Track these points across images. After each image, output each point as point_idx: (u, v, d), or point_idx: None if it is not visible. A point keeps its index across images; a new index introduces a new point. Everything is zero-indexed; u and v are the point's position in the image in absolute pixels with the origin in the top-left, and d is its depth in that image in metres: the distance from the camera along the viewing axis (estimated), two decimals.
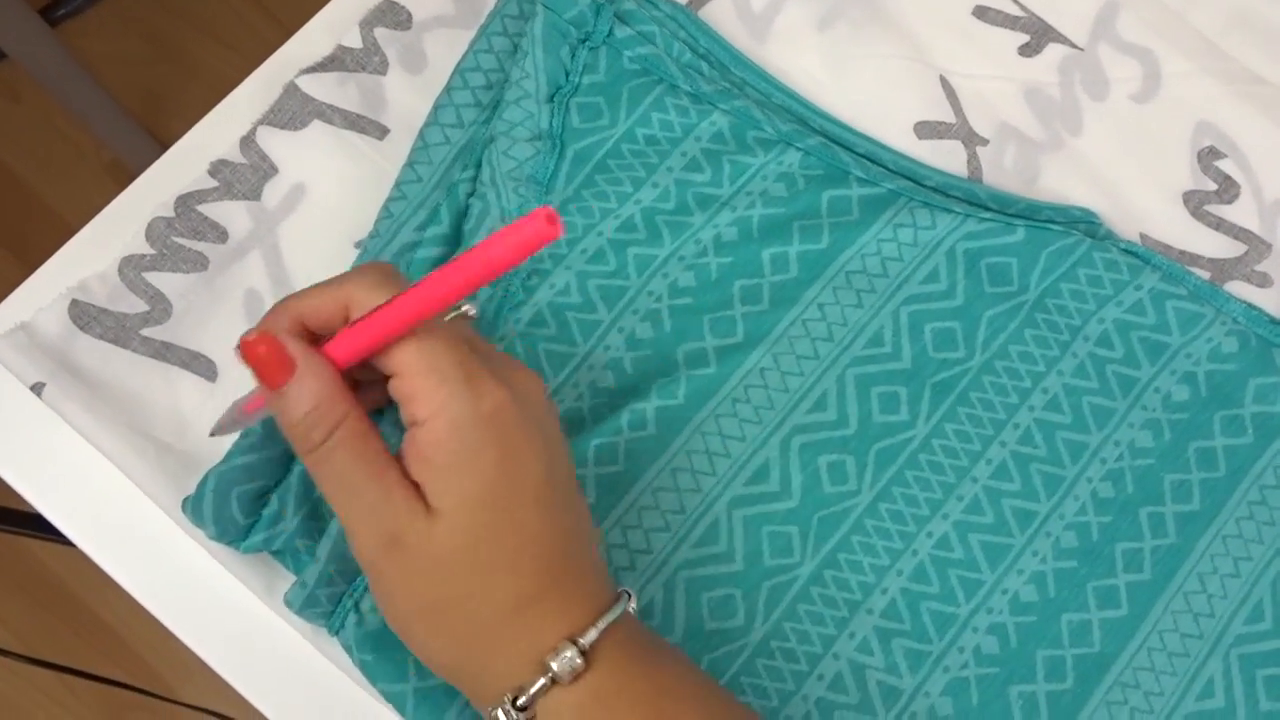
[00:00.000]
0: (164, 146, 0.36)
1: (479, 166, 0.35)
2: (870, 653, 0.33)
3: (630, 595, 0.28)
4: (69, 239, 0.35)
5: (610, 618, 0.27)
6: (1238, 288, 0.38)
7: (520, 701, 0.26)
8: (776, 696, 0.33)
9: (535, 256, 0.35)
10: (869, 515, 0.34)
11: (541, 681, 0.26)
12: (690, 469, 0.34)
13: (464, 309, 0.28)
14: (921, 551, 0.34)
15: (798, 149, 0.37)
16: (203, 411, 0.33)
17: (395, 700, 0.31)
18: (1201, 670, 0.34)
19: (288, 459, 0.32)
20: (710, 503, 0.34)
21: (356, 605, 0.32)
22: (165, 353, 0.34)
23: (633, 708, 0.27)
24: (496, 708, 0.26)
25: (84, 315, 0.33)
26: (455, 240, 0.34)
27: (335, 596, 0.32)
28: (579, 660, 0.26)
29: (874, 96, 0.39)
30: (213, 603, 0.32)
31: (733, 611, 0.33)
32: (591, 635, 0.26)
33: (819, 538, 0.34)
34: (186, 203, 0.35)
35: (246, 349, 0.26)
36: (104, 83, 0.95)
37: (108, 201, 0.35)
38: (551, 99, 0.36)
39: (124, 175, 1.07)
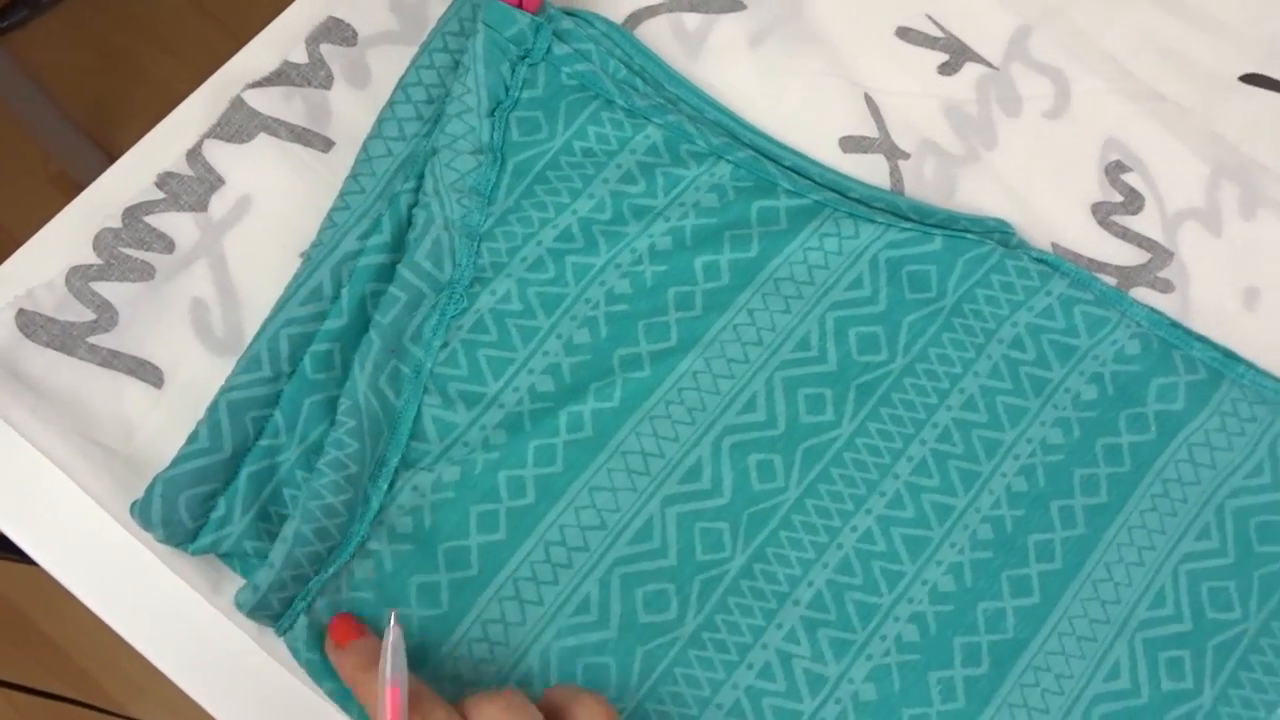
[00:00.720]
0: (111, 157, 0.37)
1: (421, 178, 0.36)
2: (797, 642, 0.35)
3: None
4: (14, 250, 0.36)
5: None
6: (1142, 293, 0.41)
7: None
8: (708, 685, 0.34)
9: (478, 265, 0.36)
10: (796, 511, 0.36)
11: None
12: (626, 469, 0.36)
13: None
14: (846, 545, 0.36)
15: (728, 162, 0.39)
16: (149, 417, 0.34)
17: (339, 699, 0.32)
18: (1108, 653, 0.36)
19: (235, 463, 0.33)
20: (645, 501, 0.35)
21: (308, 608, 0.33)
22: (112, 360, 0.35)
23: None
24: None
25: (31, 324, 0.34)
26: (397, 248, 0.35)
27: (287, 600, 0.33)
28: None
29: (802, 112, 0.40)
30: (158, 603, 0.33)
31: (666, 605, 0.35)
32: None
33: (749, 533, 0.36)
34: (134, 214, 0.36)
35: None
36: (52, 93, 0.95)
37: (53, 213, 0.36)
38: (492, 113, 0.37)
39: (70, 187, 1.07)
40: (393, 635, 0.29)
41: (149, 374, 0.35)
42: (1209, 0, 0.44)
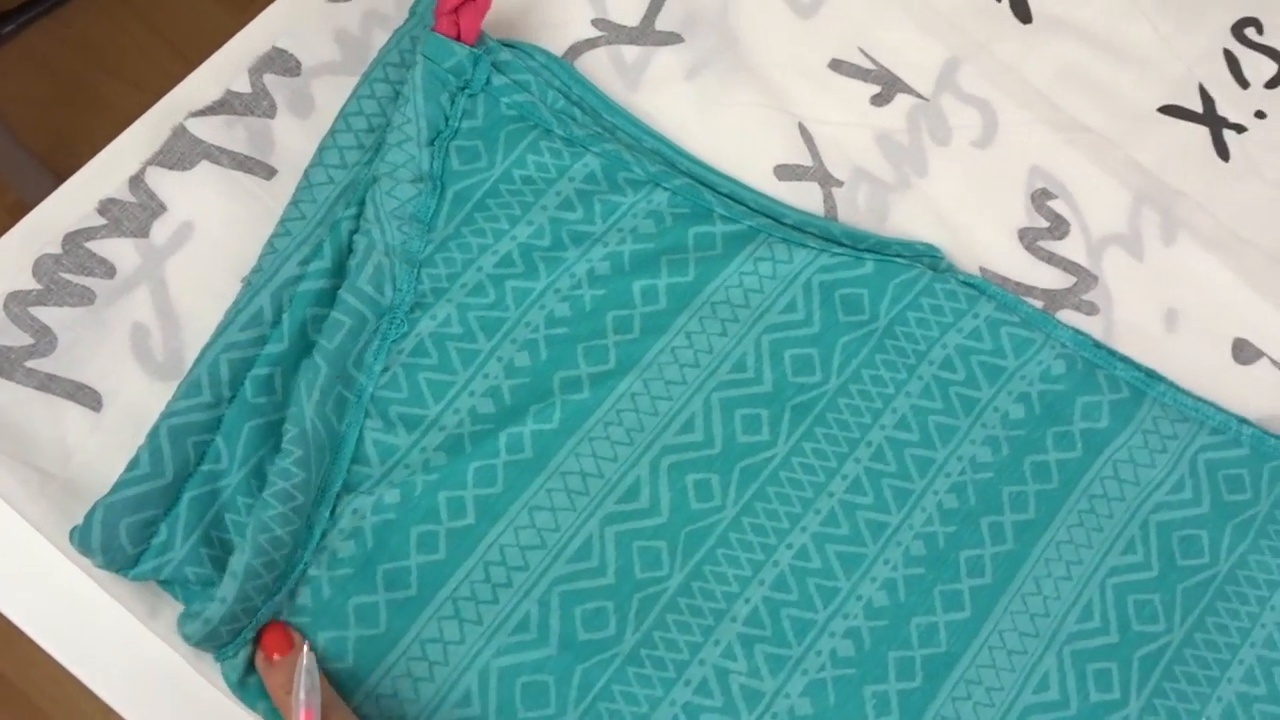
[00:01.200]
0: None
1: (362, 205, 0.37)
2: (734, 658, 0.36)
3: None
4: None
5: None
6: (1068, 315, 0.42)
7: None
8: (646, 702, 0.35)
9: (419, 290, 0.37)
10: (733, 529, 0.37)
11: None
12: (565, 489, 0.36)
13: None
14: (782, 562, 0.37)
15: (665, 189, 0.40)
16: (87, 441, 0.34)
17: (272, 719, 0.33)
18: (1038, 666, 0.37)
19: (176, 488, 0.33)
20: (584, 520, 0.36)
21: (256, 637, 0.33)
22: (49, 384, 0.35)
23: None
24: None
25: None
26: (338, 274, 0.36)
27: (236, 631, 0.33)
28: None
29: (737, 141, 0.42)
30: (95, 627, 0.33)
31: (605, 623, 0.35)
32: None
33: (686, 551, 0.36)
34: (74, 239, 0.36)
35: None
36: (11, 124, 0.94)
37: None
38: (432, 142, 0.38)
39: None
40: (305, 660, 0.29)
41: (87, 398, 0.35)
42: (1127, 35, 0.46)
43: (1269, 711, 0.38)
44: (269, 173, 0.38)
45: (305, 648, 0.30)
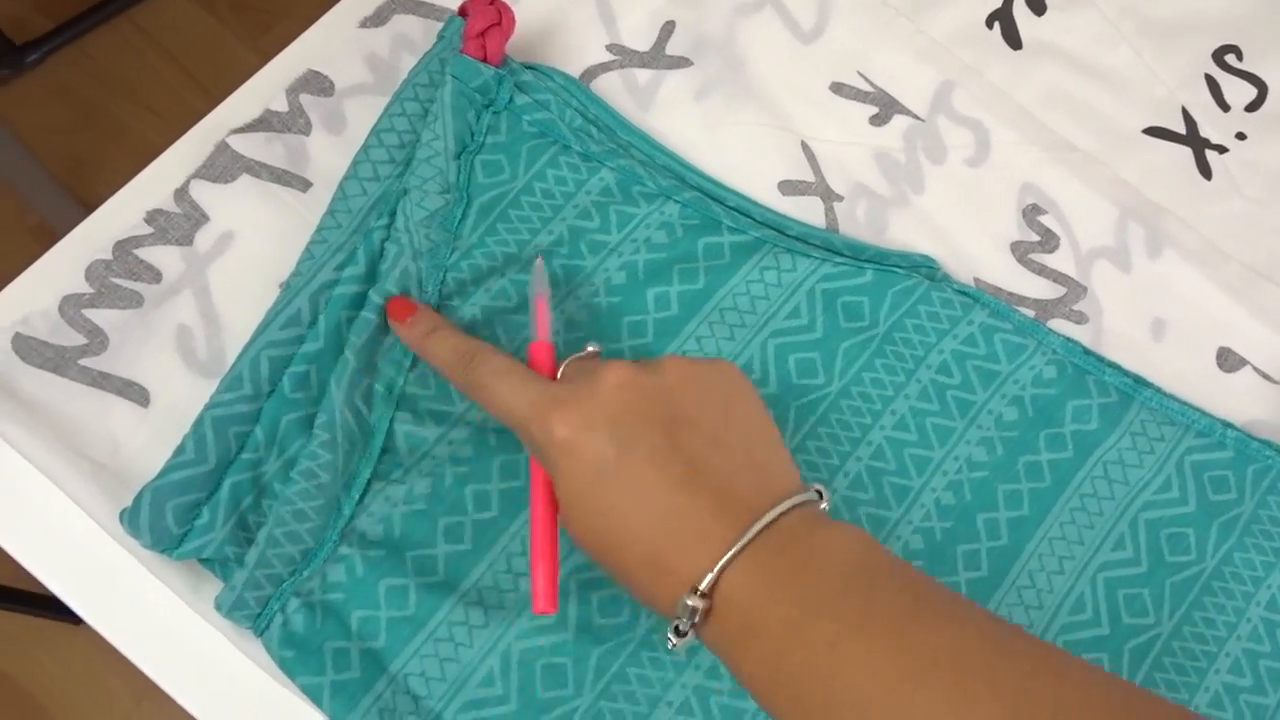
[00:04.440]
0: (90, 210, 0.39)
1: (393, 215, 0.39)
2: None
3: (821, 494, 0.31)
4: None
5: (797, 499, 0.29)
6: (1059, 324, 0.44)
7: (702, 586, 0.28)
8: (659, 684, 0.36)
9: (443, 294, 0.39)
10: None
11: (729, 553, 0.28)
12: None
13: (588, 349, 0.35)
14: None
15: (676, 202, 0.42)
16: (135, 434, 0.37)
17: (313, 693, 0.34)
18: None
19: (218, 474, 0.35)
20: None
21: (282, 608, 0.35)
22: (101, 381, 0.37)
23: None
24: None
25: (26, 347, 0.37)
26: (370, 279, 0.38)
27: (262, 600, 0.35)
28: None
29: (744, 158, 0.44)
30: (139, 605, 0.35)
31: (620, 609, 0.37)
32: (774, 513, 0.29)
33: None
34: (124, 247, 0.38)
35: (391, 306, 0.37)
36: (32, 150, 0.97)
37: (30, 263, 0.38)
38: (459, 156, 0.40)
39: (48, 238, 1.09)
40: (537, 263, 0.38)
41: (136, 394, 0.37)
42: (1113, 61, 0.48)
43: (1254, 702, 0.40)
44: (304, 185, 0.41)
45: (539, 258, 0.38)
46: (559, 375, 0.34)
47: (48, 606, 0.95)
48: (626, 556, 0.30)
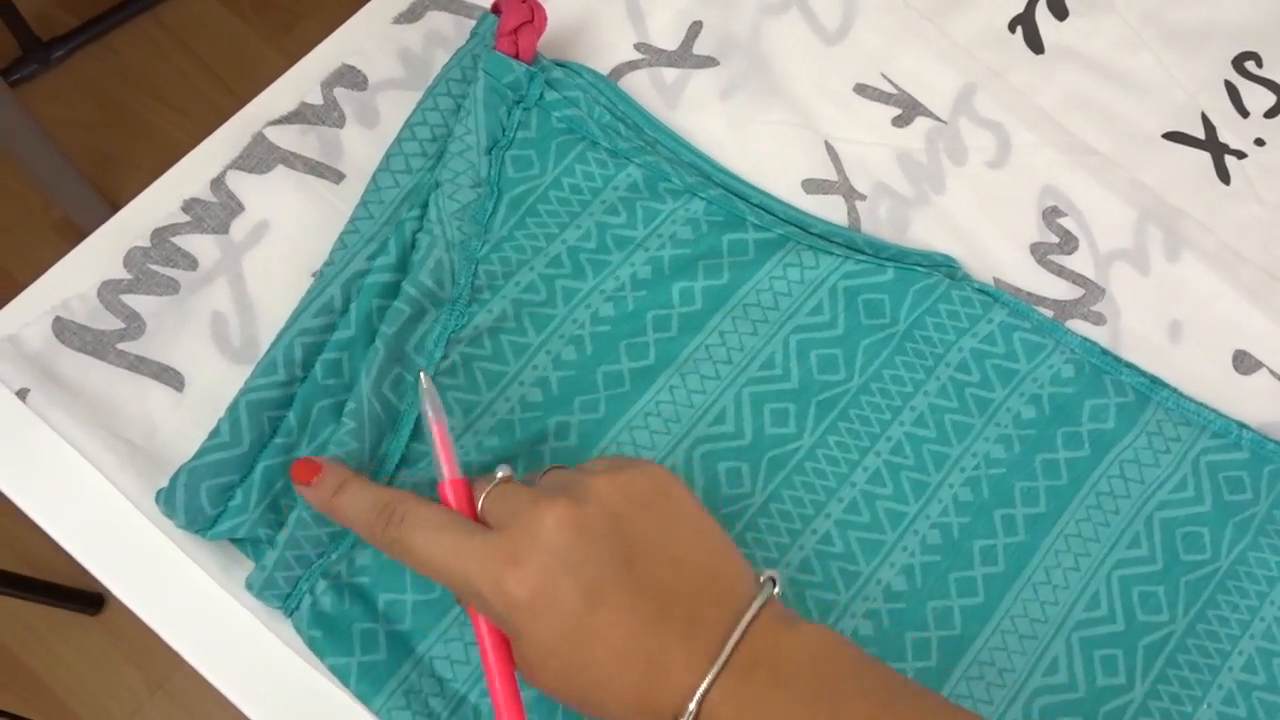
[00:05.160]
0: (115, 206, 0.40)
1: (425, 207, 0.40)
2: None
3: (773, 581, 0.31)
4: (14, 291, 0.38)
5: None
6: (1077, 325, 0.45)
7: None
8: None
9: (475, 286, 0.40)
10: (761, 514, 0.39)
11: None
12: None
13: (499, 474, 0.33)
14: (807, 546, 0.39)
15: (702, 198, 0.43)
16: (170, 417, 0.37)
17: (340, 673, 0.35)
18: (1047, 650, 0.39)
19: (252, 457, 0.36)
20: None
21: (311, 589, 0.35)
22: (138, 365, 0.38)
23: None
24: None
25: (65, 330, 0.37)
26: (401, 269, 0.39)
27: (292, 580, 0.35)
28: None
29: (768, 156, 0.45)
30: (172, 584, 0.36)
31: None
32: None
33: None
34: (161, 235, 0.39)
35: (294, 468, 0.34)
36: (59, 145, 0.99)
37: (55, 256, 0.39)
38: (490, 151, 0.41)
39: (72, 232, 1.10)
40: (424, 383, 0.34)
41: (171, 378, 0.38)
42: (1133, 66, 0.49)
43: (1267, 700, 0.40)
44: (338, 177, 0.41)
45: (423, 375, 0.34)
46: (479, 513, 0.32)
47: (64, 596, 0.96)
48: (612, 705, 0.30)
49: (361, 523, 0.32)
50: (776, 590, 0.31)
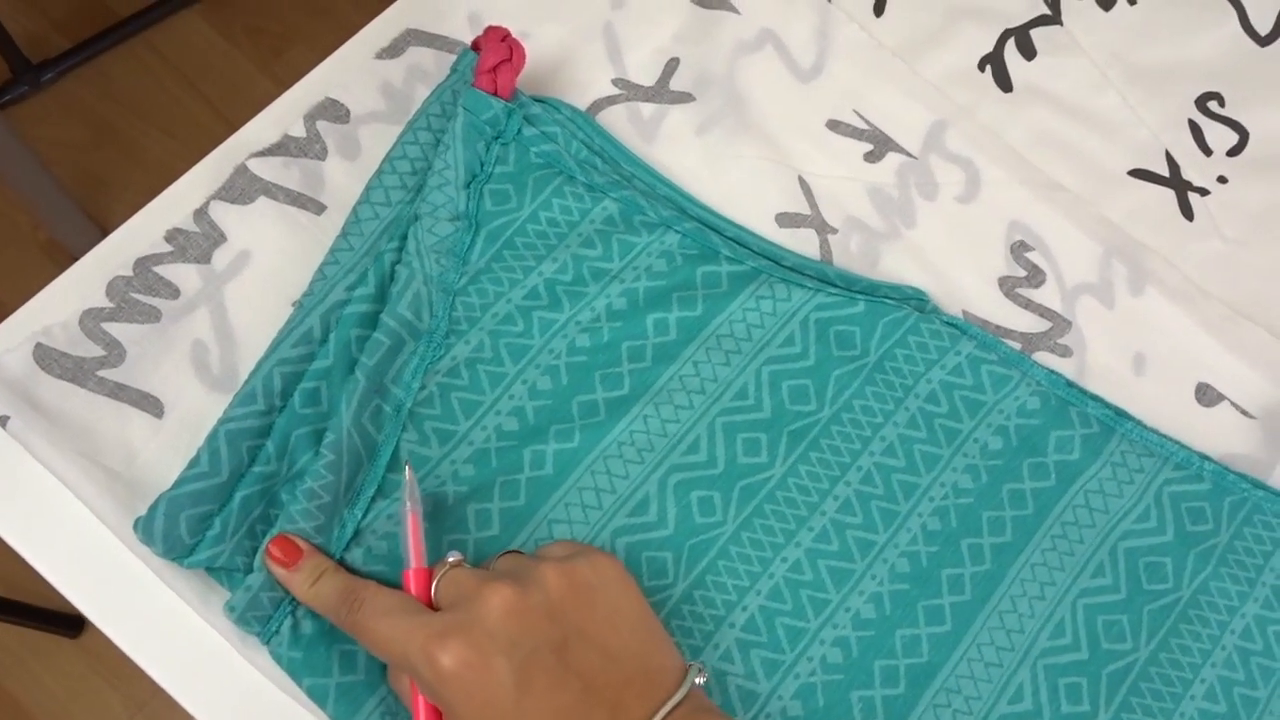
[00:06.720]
0: (103, 229, 0.41)
1: (404, 239, 0.41)
2: (732, 661, 0.39)
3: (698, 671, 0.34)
4: (1, 314, 0.39)
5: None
6: (1044, 357, 0.45)
7: None
8: None
9: (453, 318, 0.41)
10: (733, 543, 0.40)
11: None
12: (580, 503, 0.39)
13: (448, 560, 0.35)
14: (777, 574, 0.40)
15: (676, 231, 0.44)
16: (149, 444, 0.38)
17: (318, 694, 0.35)
18: (1013, 678, 0.40)
19: (230, 487, 0.37)
20: (596, 532, 0.39)
21: (293, 610, 0.36)
22: (118, 392, 0.38)
23: None
24: None
25: (46, 357, 0.38)
26: (380, 300, 0.40)
27: (276, 601, 0.36)
28: None
29: (742, 190, 0.46)
30: (149, 611, 0.36)
31: None
32: None
33: (690, 562, 0.39)
34: (144, 264, 0.40)
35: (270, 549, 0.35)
36: (48, 167, 0.99)
37: (42, 278, 0.39)
38: (468, 185, 0.42)
39: (61, 254, 1.11)
40: (407, 474, 0.36)
41: (151, 405, 0.38)
42: (1099, 105, 0.50)
43: None
44: (319, 209, 0.42)
45: (408, 468, 0.36)
46: (433, 597, 0.34)
47: (43, 619, 0.96)
48: None
49: (330, 609, 0.34)
50: (700, 681, 0.34)
